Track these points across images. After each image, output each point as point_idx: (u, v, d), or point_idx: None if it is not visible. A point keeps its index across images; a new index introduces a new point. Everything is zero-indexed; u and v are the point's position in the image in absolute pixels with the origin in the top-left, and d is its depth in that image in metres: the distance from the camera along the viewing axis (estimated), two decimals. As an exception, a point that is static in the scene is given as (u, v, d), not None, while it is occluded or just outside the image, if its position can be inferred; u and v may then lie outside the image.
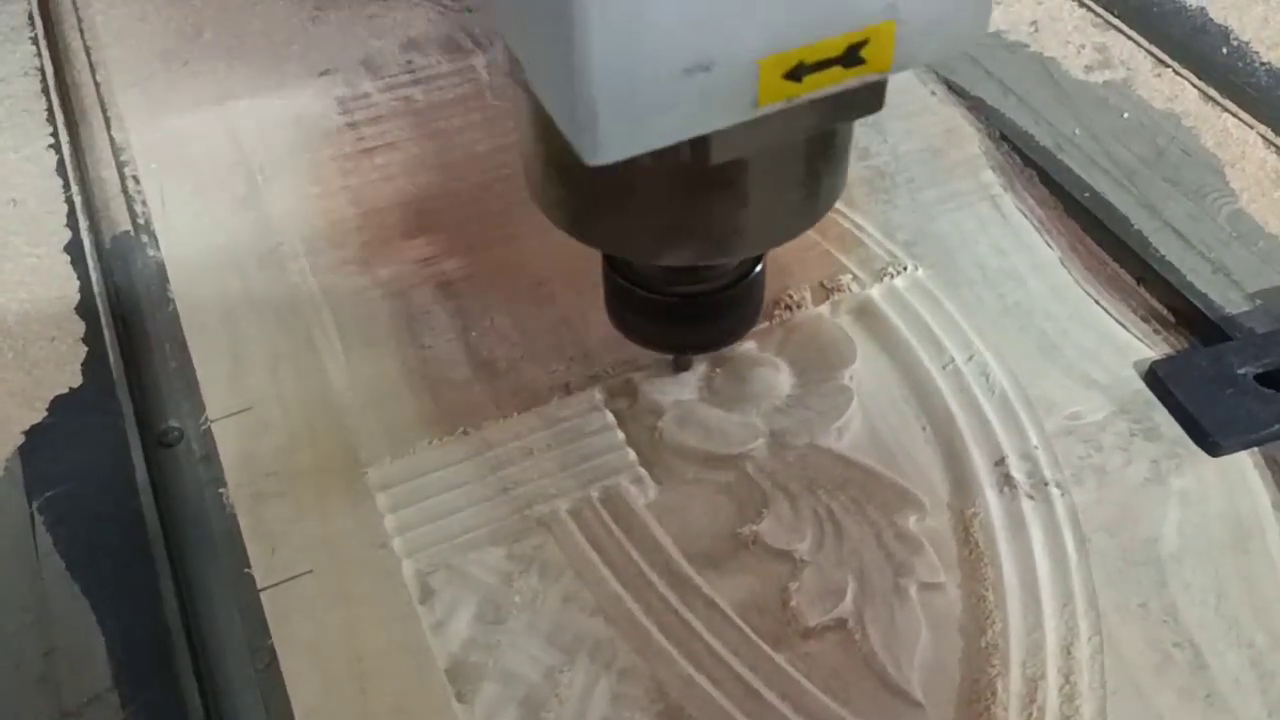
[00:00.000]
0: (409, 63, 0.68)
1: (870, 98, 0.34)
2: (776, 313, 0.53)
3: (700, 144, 0.32)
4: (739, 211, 0.38)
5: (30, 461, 0.49)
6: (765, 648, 0.42)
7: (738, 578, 0.44)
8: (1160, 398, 0.50)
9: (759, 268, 0.46)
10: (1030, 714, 0.40)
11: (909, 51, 0.32)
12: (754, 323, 0.48)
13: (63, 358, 0.53)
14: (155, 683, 0.42)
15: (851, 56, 0.31)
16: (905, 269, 0.55)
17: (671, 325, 0.46)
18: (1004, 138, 0.63)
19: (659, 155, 0.31)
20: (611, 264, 0.46)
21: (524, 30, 0.31)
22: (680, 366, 0.51)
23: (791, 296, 0.54)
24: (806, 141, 0.37)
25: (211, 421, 0.50)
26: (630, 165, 0.30)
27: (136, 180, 0.61)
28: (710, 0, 0.28)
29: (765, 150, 0.35)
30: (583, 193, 0.39)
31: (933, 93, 0.66)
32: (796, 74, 0.30)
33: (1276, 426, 0.48)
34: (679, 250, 0.40)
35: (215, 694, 0.42)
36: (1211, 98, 0.66)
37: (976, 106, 0.65)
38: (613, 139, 0.29)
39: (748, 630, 0.43)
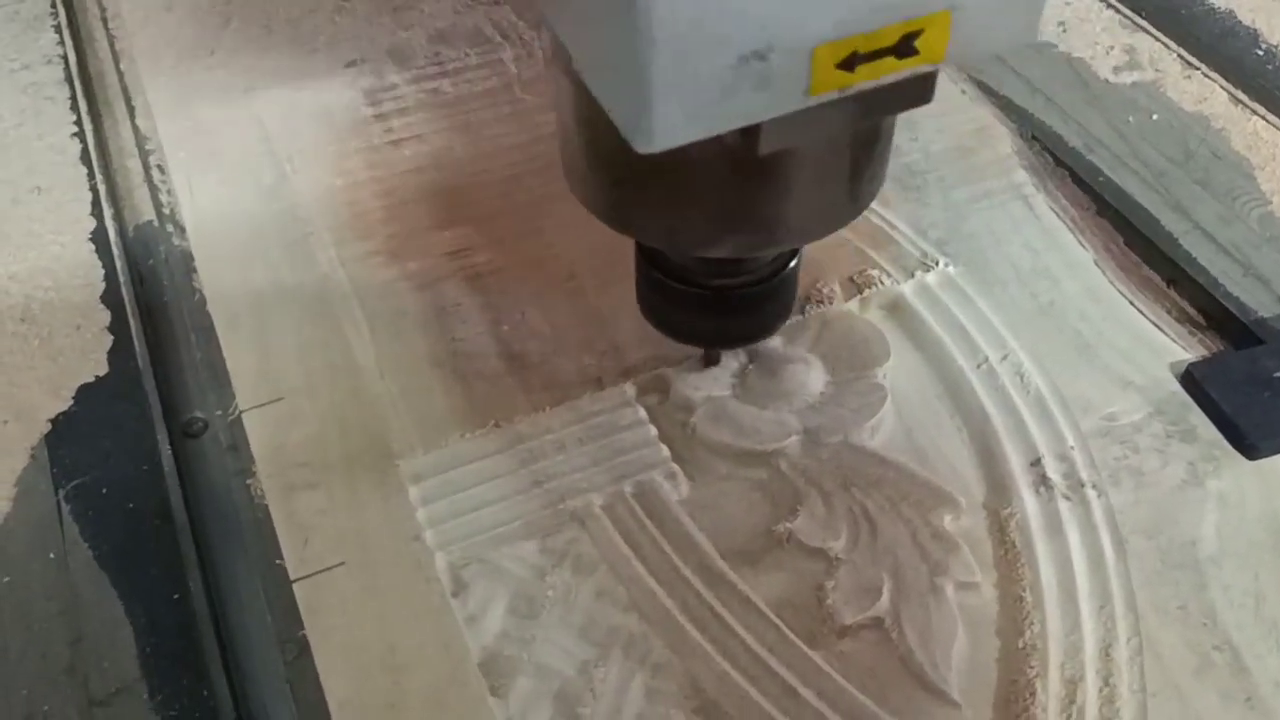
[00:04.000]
0: (437, 55, 0.68)
1: (919, 89, 0.33)
2: (808, 308, 0.53)
3: (750, 133, 0.32)
4: (782, 203, 0.38)
5: (57, 450, 0.48)
6: (801, 645, 0.42)
7: (773, 575, 0.44)
8: (1196, 400, 0.49)
9: (795, 262, 0.45)
10: (1069, 716, 0.40)
11: (962, 44, 0.31)
12: (786, 318, 0.48)
13: (88, 346, 0.53)
14: (184, 673, 0.42)
15: (905, 47, 0.30)
16: (937, 264, 0.55)
17: (705, 318, 0.46)
18: (1034, 138, 0.63)
19: (706, 144, 0.30)
20: (645, 256, 0.45)
21: (577, 16, 0.31)
22: (710, 361, 0.50)
23: (821, 291, 0.54)
24: (854, 133, 0.37)
25: (241, 411, 0.49)
26: (676, 154, 0.30)
27: (161, 169, 0.61)
28: None
29: (813, 141, 0.35)
30: (624, 183, 0.39)
31: (963, 91, 0.65)
32: (850, 63, 0.30)
33: (1313, 430, 0.48)
34: (721, 242, 0.39)
35: (244, 685, 0.42)
36: (1241, 100, 0.65)
37: (1005, 106, 0.65)
38: (666, 127, 0.29)
39: (783, 627, 0.42)
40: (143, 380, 0.51)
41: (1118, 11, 0.72)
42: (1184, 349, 0.52)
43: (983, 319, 0.52)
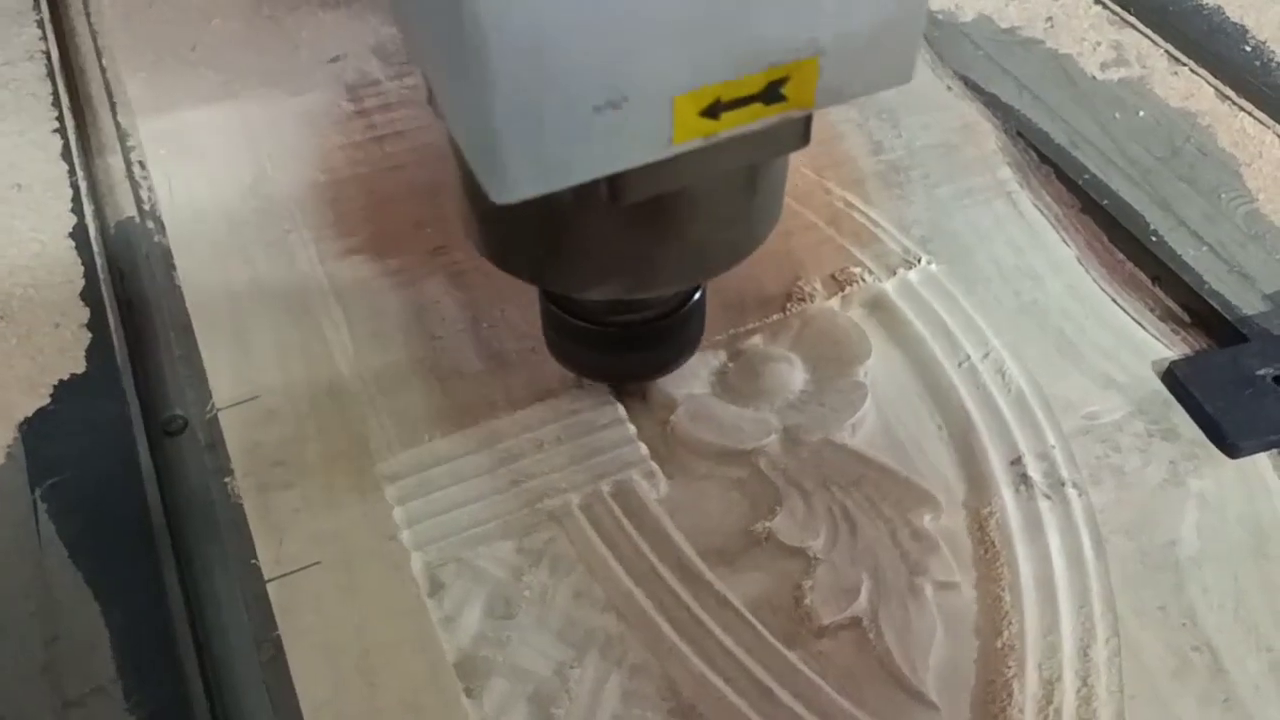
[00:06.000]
0: (419, 51, 0.67)
1: (793, 134, 0.32)
2: (788, 306, 0.53)
3: (615, 182, 0.31)
4: (660, 247, 0.37)
5: (33, 448, 0.48)
6: (778, 646, 0.42)
7: (751, 575, 0.44)
8: (1178, 398, 0.49)
9: (698, 295, 0.44)
10: (1047, 716, 0.40)
11: (832, 88, 0.30)
12: (692, 351, 0.47)
13: (66, 344, 0.52)
14: (159, 674, 0.42)
15: (772, 93, 0.29)
16: (920, 261, 0.54)
17: (607, 354, 0.45)
18: (1020, 134, 0.62)
19: (576, 191, 0.29)
20: (546, 292, 0.45)
21: (434, 64, 0.30)
22: (619, 394, 0.49)
23: (802, 288, 0.53)
24: (731, 176, 0.36)
25: (218, 410, 0.49)
26: (549, 200, 0.29)
27: (142, 165, 0.61)
28: (622, 36, 0.27)
29: (686, 186, 0.34)
30: (505, 226, 0.37)
31: (949, 88, 0.65)
32: (714, 111, 0.29)
33: (1296, 429, 0.47)
34: (602, 285, 0.39)
35: (220, 686, 0.42)
36: (1228, 97, 0.65)
37: (992, 103, 0.65)
38: (519, 177, 0.28)
39: (761, 628, 0.42)
40: (121, 378, 0.51)
41: (1105, 7, 0.71)
42: (1167, 347, 0.52)
43: (965, 317, 0.52)
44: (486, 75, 0.26)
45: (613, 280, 0.39)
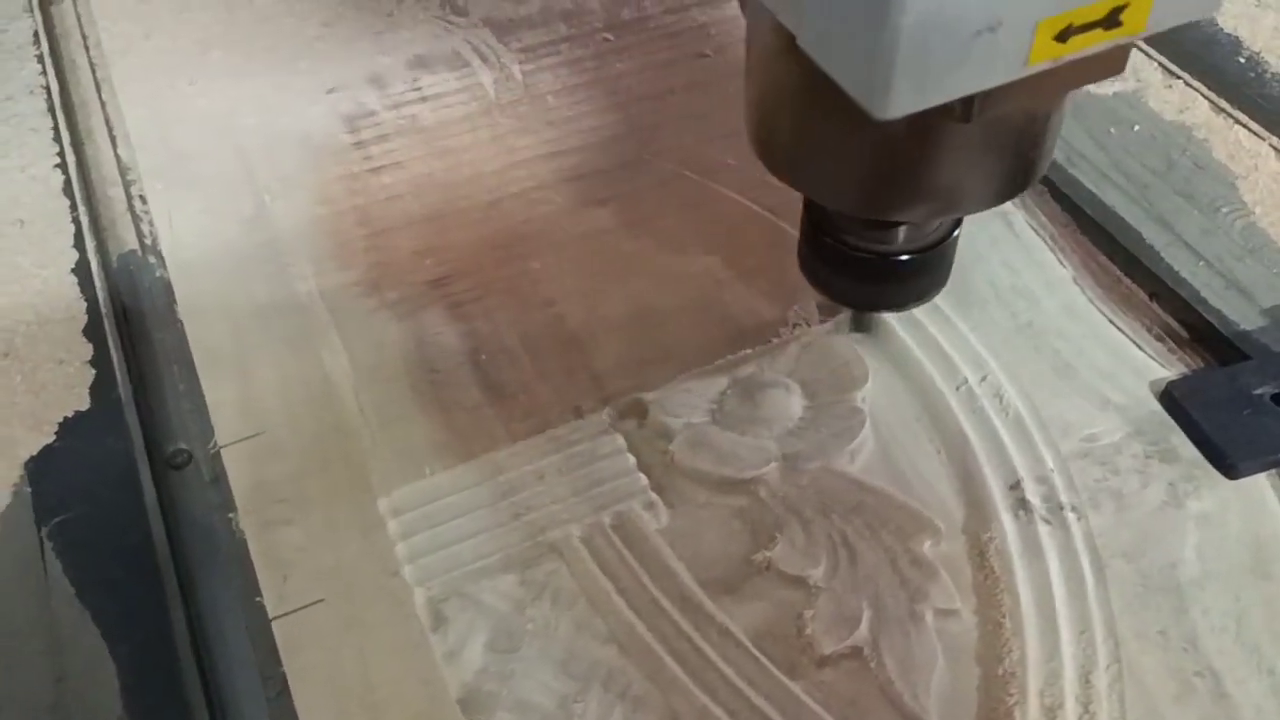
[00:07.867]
0: (416, 80, 0.68)
1: (1116, 60, 0.35)
2: (783, 330, 0.53)
3: (966, 102, 0.33)
4: (979, 167, 0.40)
5: (39, 486, 0.48)
6: (780, 676, 0.42)
7: (752, 604, 0.44)
8: (1176, 419, 0.49)
9: (957, 232, 0.47)
10: (1049, 743, 0.40)
11: (1160, 15, 0.33)
12: (940, 289, 0.49)
13: (71, 380, 0.53)
14: (166, 711, 0.42)
15: (1112, 19, 0.32)
16: (916, 286, 0.55)
17: (865, 283, 0.47)
18: (1015, 152, 0.63)
19: (924, 114, 0.32)
20: (814, 217, 0.46)
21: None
22: (861, 326, 0.52)
23: (799, 314, 0.54)
24: (1050, 104, 0.39)
25: (221, 446, 0.49)
26: (885, 124, 0.31)
27: (143, 199, 0.61)
28: None
29: (1020, 110, 0.37)
30: (817, 146, 0.40)
31: (943, 107, 0.65)
32: (1064, 35, 0.31)
33: (1295, 448, 0.48)
34: (907, 207, 0.41)
35: (226, 723, 0.42)
36: (1223, 109, 0.65)
37: (987, 120, 0.65)
38: (903, 97, 0.31)
39: (762, 658, 0.42)
40: (125, 414, 0.51)
41: (1099, 21, 0.71)
42: (1164, 366, 0.52)
43: (962, 340, 0.52)
44: (900, 9, 0.29)
45: (923, 203, 0.41)
